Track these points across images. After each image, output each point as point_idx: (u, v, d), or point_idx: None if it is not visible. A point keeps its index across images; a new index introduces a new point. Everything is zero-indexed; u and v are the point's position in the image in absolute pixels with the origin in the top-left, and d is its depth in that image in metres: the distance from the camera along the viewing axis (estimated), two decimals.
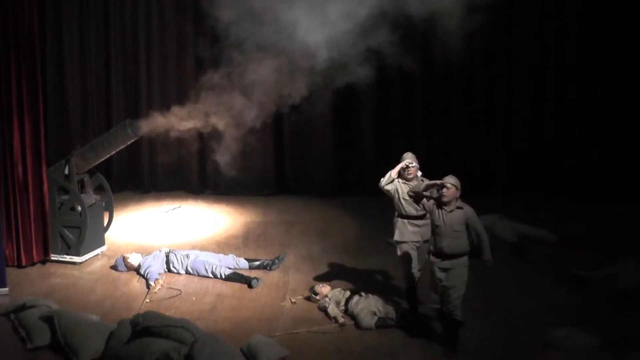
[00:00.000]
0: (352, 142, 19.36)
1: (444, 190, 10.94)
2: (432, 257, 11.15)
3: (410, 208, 12.08)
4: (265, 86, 15.64)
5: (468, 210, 11.03)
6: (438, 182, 11.10)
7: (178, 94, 19.09)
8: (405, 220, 12.24)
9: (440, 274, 11.04)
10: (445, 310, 11.21)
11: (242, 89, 15.90)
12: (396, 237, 12.37)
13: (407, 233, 12.23)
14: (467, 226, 11.00)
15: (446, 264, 11.00)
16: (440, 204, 11.01)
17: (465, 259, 11.02)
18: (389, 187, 12.14)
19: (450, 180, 10.98)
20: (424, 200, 11.24)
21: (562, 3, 18.84)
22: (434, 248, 11.11)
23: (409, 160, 12.09)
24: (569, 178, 19.00)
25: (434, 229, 11.09)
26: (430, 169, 16.72)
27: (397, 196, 12.20)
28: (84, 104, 19.74)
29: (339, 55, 14.52)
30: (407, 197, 11.83)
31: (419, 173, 12.26)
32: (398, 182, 12.15)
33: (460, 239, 10.96)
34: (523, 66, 18.91)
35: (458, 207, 11.01)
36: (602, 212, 17.61)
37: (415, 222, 12.18)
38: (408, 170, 12.09)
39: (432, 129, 19.44)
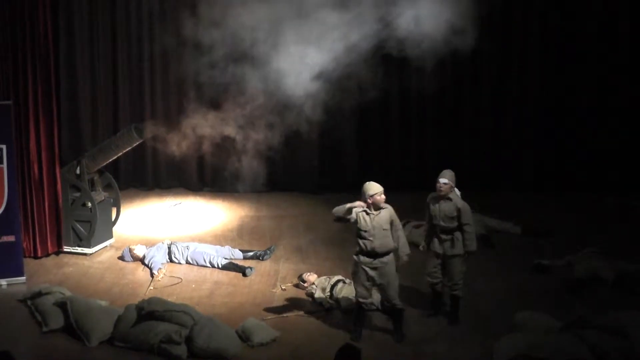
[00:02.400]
0: (335, 145, 19.34)
1: (377, 198, 10.91)
2: (362, 258, 11.01)
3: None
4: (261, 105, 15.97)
5: (390, 209, 11.05)
6: (360, 203, 11.03)
7: (178, 100, 19.12)
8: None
9: (372, 273, 10.98)
10: (387, 304, 11.26)
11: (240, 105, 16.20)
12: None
13: None
14: (391, 224, 11.02)
15: (377, 262, 10.95)
16: (366, 210, 10.96)
17: (392, 255, 11.03)
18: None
19: (370, 190, 10.96)
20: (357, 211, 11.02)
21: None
22: (365, 250, 10.98)
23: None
24: (531, 174, 19.09)
25: (362, 234, 10.96)
26: (404, 169, 16.91)
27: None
28: (93, 110, 19.68)
29: (326, 78, 14.73)
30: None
31: (458, 192, 11.59)
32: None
33: (388, 237, 10.95)
34: (487, 69, 18.92)
35: (381, 208, 10.99)
36: (562, 205, 17.74)
37: None
38: (439, 188, 11.41)
39: (407, 133, 19.46)
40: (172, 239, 14.93)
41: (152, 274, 13.68)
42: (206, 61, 18.25)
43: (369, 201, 11.00)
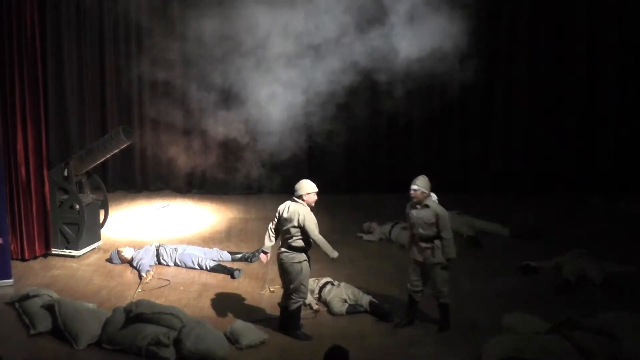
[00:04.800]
0: (323, 147, 19.30)
1: (311, 197, 11.22)
2: (306, 254, 11.19)
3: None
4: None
5: None
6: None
7: (166, 103, 19.12)
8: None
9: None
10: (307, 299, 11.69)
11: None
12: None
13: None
14: None
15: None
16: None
17: None
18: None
19: (307, 188, 11.27)
20: (303, 218, 11.11)
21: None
22: (306, 246, 11.18)
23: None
24: (519, 176, 19.11)
25: (302, 230, 11.11)
26: (392, 170, 16.91)
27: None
28: (81, 112, 19.63)
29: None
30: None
31: (435, 197, 11.38)
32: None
33: None
34: (476, 74, 18.93)
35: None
36: (550, 206, 17.74)
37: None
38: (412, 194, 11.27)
39: (395, 135, 19.46)
40: (160, 241, 14.89)
41: (140, 276, 13.61)
42: (197, 66, 18.43)
43: (304, 198, 11.20)
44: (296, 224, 11.07)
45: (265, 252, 11.58)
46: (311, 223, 11.06)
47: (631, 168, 18.66)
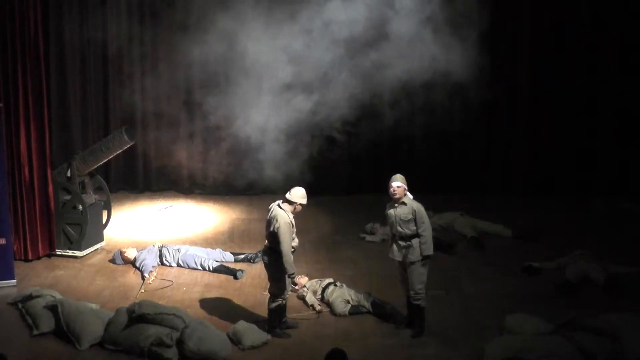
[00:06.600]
0: (325, 149, 19.28)
1: (298, 207, 11.44)
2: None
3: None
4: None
5: None
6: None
7: (168, 103, 19.14)
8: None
9: None
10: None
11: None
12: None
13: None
14: None
15: None
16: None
17: None
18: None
19: (301, 197, 11.54)
20: (288, 219, 11.27)
21: None
22: (294, 248, 11.29)
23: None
24: (521, 177, 19.10)
25: (292, 235, 11.25)
26: (395, 172, 16.77)
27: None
28: (84, 113, 19.62)
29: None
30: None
31: (410, 195, 11.36)
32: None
33: None
34: (474, 86, 18.91)
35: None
36: (552, 207, 17.70)
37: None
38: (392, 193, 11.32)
39: (397, 136, 19.41)
40: (163, 242, 14.90)
41: (143, 277, 13.64)
42: (198, 66, 18.44)
43: (292, 205, 11.45)
44: (272, 229, 11.18)
45: None
46: (284, 234, 11.05)
47: (632, 169, 18.62)
